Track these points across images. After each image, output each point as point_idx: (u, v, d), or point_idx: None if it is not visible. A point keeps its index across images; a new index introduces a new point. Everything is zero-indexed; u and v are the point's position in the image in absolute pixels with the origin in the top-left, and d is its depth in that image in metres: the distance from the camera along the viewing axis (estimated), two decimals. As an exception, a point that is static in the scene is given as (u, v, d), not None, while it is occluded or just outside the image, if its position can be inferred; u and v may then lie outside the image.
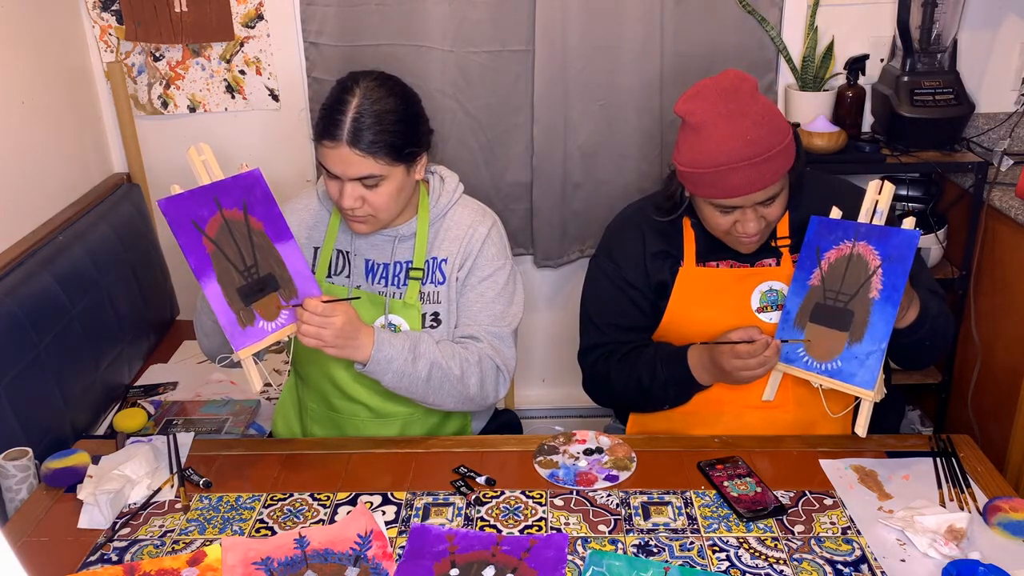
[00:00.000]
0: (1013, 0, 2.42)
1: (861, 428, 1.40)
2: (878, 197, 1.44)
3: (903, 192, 2.44)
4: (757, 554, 1.28)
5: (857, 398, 1.42)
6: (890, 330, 1.38)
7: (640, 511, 1.38)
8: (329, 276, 1.66)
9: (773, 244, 1.59)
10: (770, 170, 1.44)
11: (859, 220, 1.45)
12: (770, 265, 1.60)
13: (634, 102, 2.48)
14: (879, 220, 1.43)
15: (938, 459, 1.48)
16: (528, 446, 1.56)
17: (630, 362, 1.63)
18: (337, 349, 1.44)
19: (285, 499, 1.43)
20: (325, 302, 1.43)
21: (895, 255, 1.39)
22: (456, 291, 1.64)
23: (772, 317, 1.57)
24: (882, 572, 1.24)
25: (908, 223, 1.40)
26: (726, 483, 1.42)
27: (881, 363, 1.38)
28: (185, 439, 1.59)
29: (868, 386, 1.39)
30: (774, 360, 1.46)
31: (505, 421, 1.91)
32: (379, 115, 1.47)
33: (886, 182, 1.44)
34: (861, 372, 1.39)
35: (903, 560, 1.26)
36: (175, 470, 1.51)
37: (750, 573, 1.24)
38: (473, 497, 1.42)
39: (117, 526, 1.38)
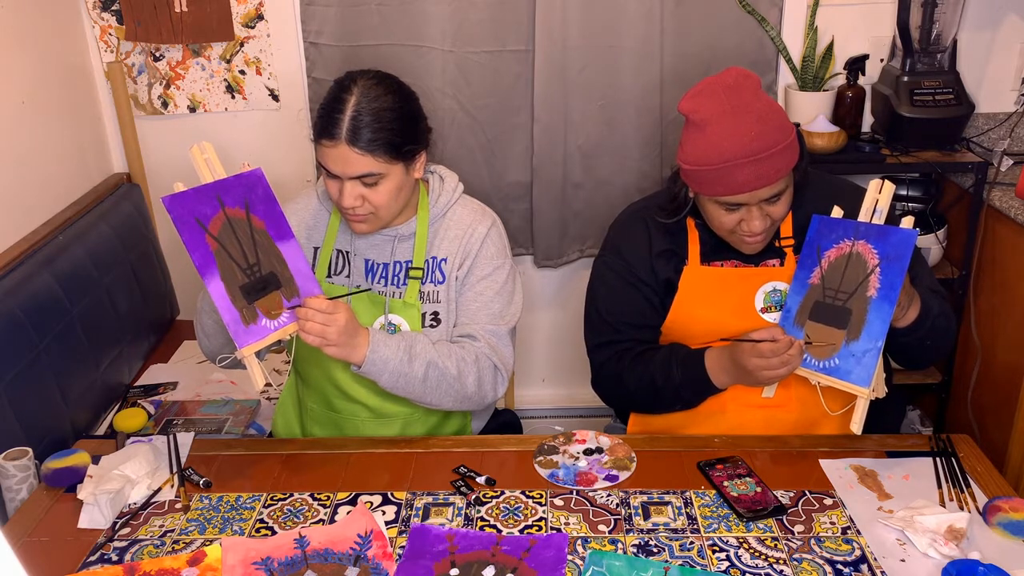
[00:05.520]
0: (1013, 0, 2.43)
1: (857, 425, 1.41)
2: (878, 196, 1.45)
3: (903, 192, 2.44)
4: (757, 554, 1.28)
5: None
6: (887, 328, 1.38)
7: (640, 511, 1.38)
8: (329, 276, 1.66)
9: (777, 244, 1.60)
10: (775, 166, 1.44)
11: (859, 219, 1.45)
12: (774, 265, 1.60)
13: (634, 102, 2.48)
14: (879, 219, 1.44)
15: (938, 459, 1.48)
16: (528, 446, 1.56)
17: (644, 362, 1.62)
18: (338, 348, 1.44)
19: (285, 499, 1.43)
20: (329, 299, 1.43)
21: (893, 254, 1.39)
22: (456, 290, 1.64)
23: (776, 317, 1.57)
24: (882, 572, 1.24)
25: (906, 222, 1.40)
26: (726, 483, 1.42)
27: (877, 361, 1.39)
28: (185, 439, 1.59)
29: (864, 383, 1.39)
30: (797, 360, 1.45)
31: (505, 421, 1.91)
32: (377, 113, 1.48)
33: (886, 181, 1.45)
34: (857, 370, 1.40)
35: (903, 560, 1.26)
36: (175, 470, 1.51)
37: (750, 573, 1.24)
38: (473, 497, 1.42)
39: (117, 526, 1.38)
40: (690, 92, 1.49)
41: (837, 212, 1.50)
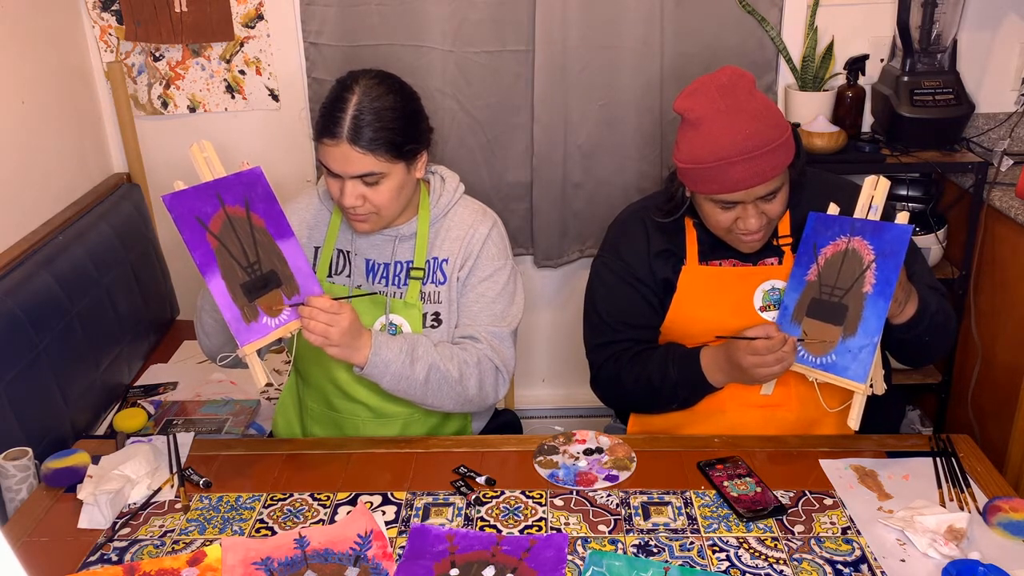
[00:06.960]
0: (1013, 0, 2.43)
1: (854, 421, 1.41)
2: (873, 193, 1.45)
3: (903, 192, 2.44)
4: (757, 554, 1.28)
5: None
6: (882, 324, 1.39)
7: (640, 511, 1.38)
8: (330, 276, 1.67)
9: (775, 243, 1.60)
10: (770, 164, 1.44)
11: (855, 215, 1.46)
12: (772, 264, 1.60)
13: (634, 102, 2.48)
14: (874, 215, 1.44)
15: (938, 459, 1.48)
16: (528, 446, 1.56)
17: (641, 362, 1.63)
18: (340, 349, 1.44)
19: (285, 499, 1.43)
20: (334, 300, 1.43)
21: (888, 250, 1.40)
22: (457, 291, 1.64)
23: (775, 316, 1.57)
24: (882, 572, 1.24)
25: (901, 218, 1.41)
26: (726, 483, 1.42)
27: (873, 357, 1.39)
28: (185, 439, 1.59)
29: (860, 379, 1.40)
30: (791, 358, 1.46)
31: (505, 421, 1.91)
32: (379, 112, 1.48)
33: (881, 178, 1.45)
34: (854, 366, 1.41)
35: (903, 560, 1.26)
36: (175, 470, 1.51)
37: (750, 573, 1.24)
38: (473, 497, 1.42)
39: (117, 526, 1.38)
40: (684, 91, 1.49)
41: (833, 209, 1.50)
